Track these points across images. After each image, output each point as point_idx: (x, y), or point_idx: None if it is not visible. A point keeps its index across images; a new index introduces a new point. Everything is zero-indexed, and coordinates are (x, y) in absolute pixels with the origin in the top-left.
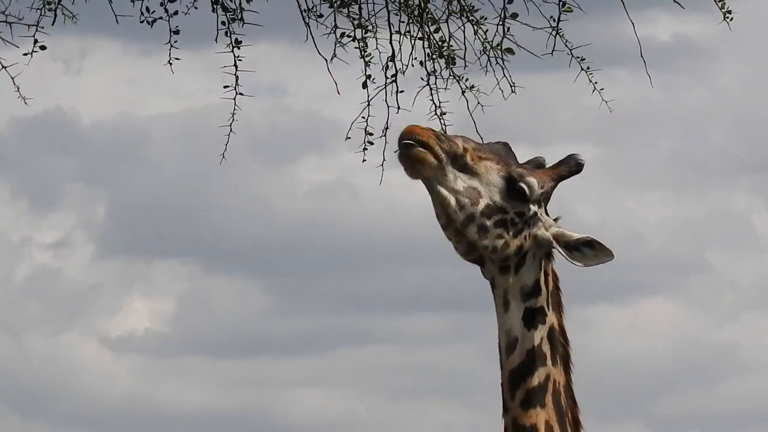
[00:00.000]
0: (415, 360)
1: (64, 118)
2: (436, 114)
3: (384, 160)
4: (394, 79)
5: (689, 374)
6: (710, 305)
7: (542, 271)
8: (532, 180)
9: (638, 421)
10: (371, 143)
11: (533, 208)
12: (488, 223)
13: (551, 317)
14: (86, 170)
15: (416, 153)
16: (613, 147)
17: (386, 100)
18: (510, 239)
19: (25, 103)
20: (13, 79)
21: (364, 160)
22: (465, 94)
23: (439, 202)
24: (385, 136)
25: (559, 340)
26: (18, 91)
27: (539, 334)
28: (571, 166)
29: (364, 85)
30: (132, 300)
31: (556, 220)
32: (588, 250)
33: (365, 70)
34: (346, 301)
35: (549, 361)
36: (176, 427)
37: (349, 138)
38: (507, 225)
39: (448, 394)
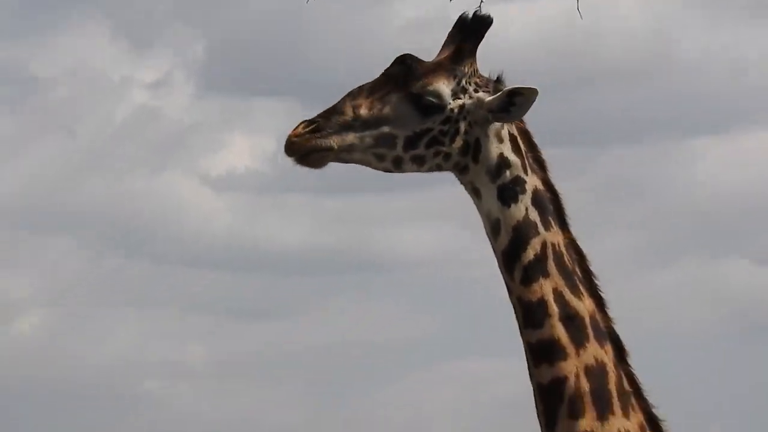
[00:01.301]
0: None
1: None
2: None
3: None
4: None
5: None
6: None
7: (505, 141)
8: (437, 85)
9: (739, 254)
10: None
11: (456, 103)
12: (419, 151)
13: (532, 180)
14: (184, 9)
15: (311, 160)
16: None
17: None
18: (449, 147)
19: None
20: None
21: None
22: None
23: (365, 165)
24: None
25: (547, 198)
26: None
27: (522, 206)
28: (463, 31)
29: None
30: (232, 138)
31: (498, 80)
32: (518, 98)
33: None
34: None
35: (541, 228)
36: (276, 264)
37: None
38: (438, 139)
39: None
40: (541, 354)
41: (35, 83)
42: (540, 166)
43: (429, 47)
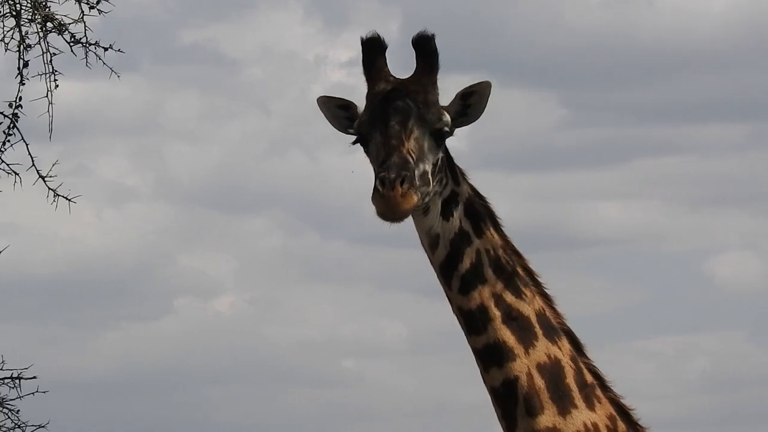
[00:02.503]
0: (714, 170)
1: None
2: None
3: None
4: None
5: None
6: None
7: (440, 151)
8: (446, 115)
9: None
10: None
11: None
12: (434, 181)
13: (463, 189)
14: None
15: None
16: None
17: None
18: (443, 173)
19: None
20: None
21: None
22: None
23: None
24: None
25: (476, 204)
26: None
27: (457, 217)
28: (423, 50)
29: None
30: None
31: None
32: (472, 97)
33: None
34: (643, 111)
35: (473, 237)
36: None
37: None
38: (441, 166)
39: (748, 202)
40: (489, 358)
41: (228, 64)
42: (462, 173)
43: (630, 20)
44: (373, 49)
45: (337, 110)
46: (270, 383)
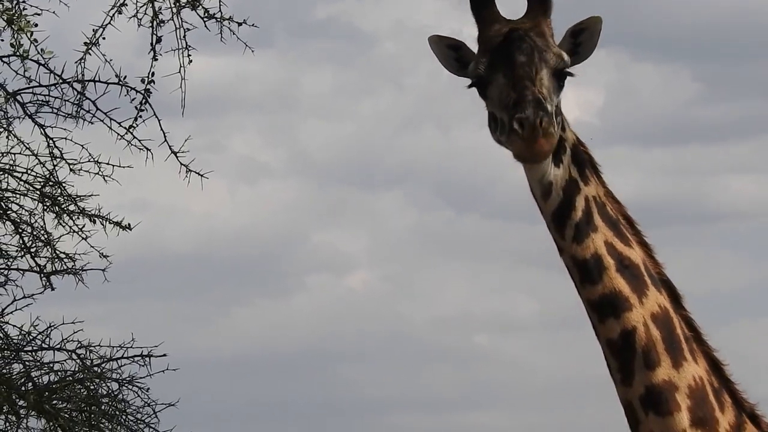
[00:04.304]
0: None
1: None
2: None
3: None
4: None
5: None
6: None
7: (561, 92)
8: (565, 54)
9: None
10: None
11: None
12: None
13: (568, 135)
14: None
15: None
16: None
17: None
18: (562, 114)
19: None
20: None
21: None
22: None
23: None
24: None
25: (579, 151)
26: None
27: (566, 165)
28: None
29: None
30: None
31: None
32: (584, 35)
33: None
34: None
35: (581, 183)
36: None
37: None
38: (560, 108)
39: None
40: (605, 308)
41: (362, 38)
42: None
43: None
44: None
45: (447, 50)
46: (401, 360)
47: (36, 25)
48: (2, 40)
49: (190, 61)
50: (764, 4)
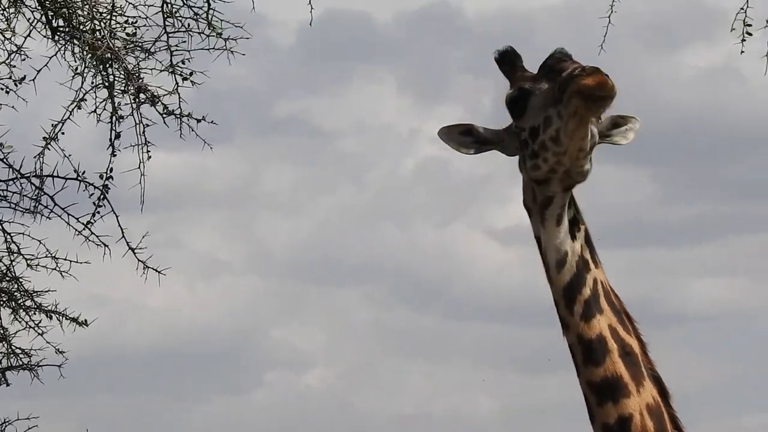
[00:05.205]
0: None
1: (449, 11)
2: None
3: None
4: None
5: None
6: None
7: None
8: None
9: None
10: (749, 34)
11: None
12: (593, 144)
13: (583, 218)
14: (472, 62)
15: (603, 107)
16: None
17: None
18: (591, 164)
19: None
20: None
21: (742, 52)
22: None
23: (583, 137)
24: None
25: (589, 236)
26: None
27: (579, 242)
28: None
29: None
30: (519, 191)
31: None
32: (624, 127)
33: None
34: (735, 187)
35: (591, 265)
36: None
37: (734, 29)
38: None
39: None
40: (605, 392)
41: (321, 135)
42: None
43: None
44: (510, 59)
45: (460, 137)
46: None
47: None
48: None
49: (149, 157)
50: (721, 106)
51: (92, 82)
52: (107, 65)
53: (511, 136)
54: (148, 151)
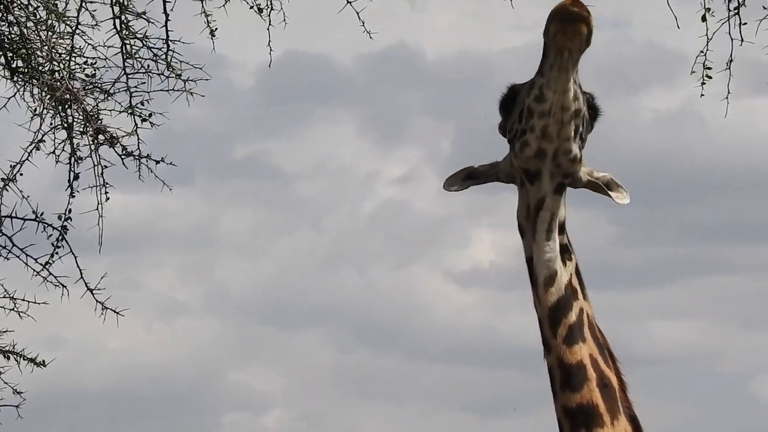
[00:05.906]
0: (765, 289)
1: (409, 53)
2: None
3: (729, 93)
4: (736, 11)
5: None
6: None
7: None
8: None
9: None
10: (709, 77)
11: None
12: (578, 125)
13: (574, 254)
14: (431, 104)
15: (577, 29)
16: None
17: (729, 33)
18: (580, 154)
19: (371, 37)
20: (358, 14)
21: (702, 95)
22: None
23: (564, 86)
24: (729, 69)
25: (580, 272)
26: (363, 26)
27: (569, 270)
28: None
29: (704, 18)
30: (478, 233)
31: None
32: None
33: (704, 2)
34: (695, 230)
35: (580, 295)
36: (525, 361)
37: (694, 72)
38: (581, 135)
39: None
40: (579, 418)
41: (281, 177)
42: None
43: (681, 140)
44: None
45: (466, 182)
46: None
47: None
48: None
49: (108, 198)
50: (680, 149)
51: (51, 123)
52: (66, 106)
53: (505, 160)
54: (106, 192)
